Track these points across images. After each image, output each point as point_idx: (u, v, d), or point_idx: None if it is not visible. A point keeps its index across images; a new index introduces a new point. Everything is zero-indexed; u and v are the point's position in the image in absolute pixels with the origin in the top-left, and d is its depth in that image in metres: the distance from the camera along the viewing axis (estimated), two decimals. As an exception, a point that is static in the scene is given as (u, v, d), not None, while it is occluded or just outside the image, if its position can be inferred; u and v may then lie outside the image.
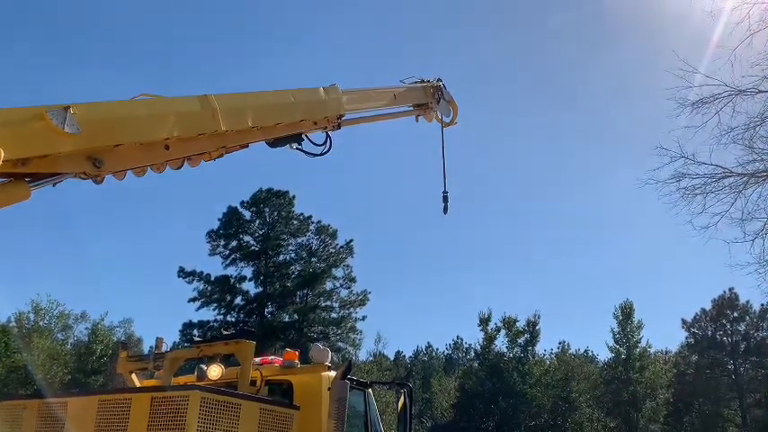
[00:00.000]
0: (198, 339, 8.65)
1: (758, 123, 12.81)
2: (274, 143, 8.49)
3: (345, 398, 6.96)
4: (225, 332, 8.48)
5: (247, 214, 44.29)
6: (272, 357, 8.27)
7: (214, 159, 7.58)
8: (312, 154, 9.16)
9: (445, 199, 12.00)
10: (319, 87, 8.96)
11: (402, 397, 8.17)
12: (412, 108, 12.06)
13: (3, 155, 4.86)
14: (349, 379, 7.28)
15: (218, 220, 43.84)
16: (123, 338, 46.70)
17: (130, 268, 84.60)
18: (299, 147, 8.92)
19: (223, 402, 6.13)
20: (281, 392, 7.47)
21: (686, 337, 53.91)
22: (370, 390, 8.01)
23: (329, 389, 7.17)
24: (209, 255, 42.99)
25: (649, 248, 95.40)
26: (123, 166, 6.45)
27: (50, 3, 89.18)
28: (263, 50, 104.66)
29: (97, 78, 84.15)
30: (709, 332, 51.99)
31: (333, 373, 7.41)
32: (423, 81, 12.31)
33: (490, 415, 49.58)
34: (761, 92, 12.62)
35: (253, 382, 7.37)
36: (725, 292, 51.09)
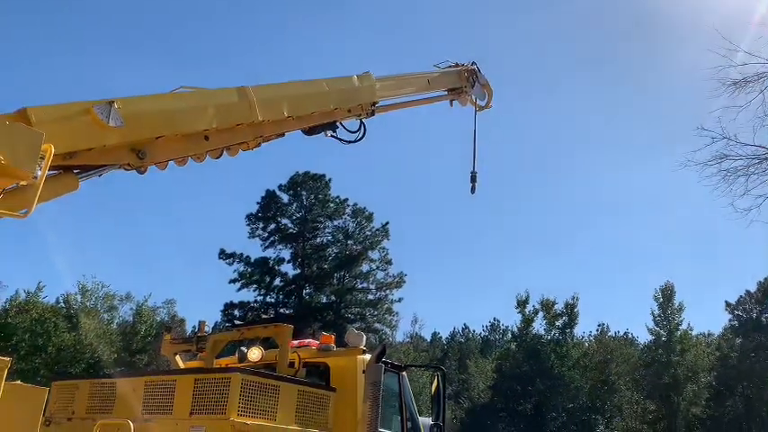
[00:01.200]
0: (238, 322, 8.95)
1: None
2: (310, 131, 8.67)
3: (380, 380, 7.15)
4: (264, 316, 8.75)
5: (285, 197, 44.89)
6: (309, 341, 8.50)
7: (252, 149, 7.80)
8: (347, 141, 9.33)
9: (473, 179, 12.08)
10: (353, 75, 9.07)
11: (436, 380, 8.31)
12: (446, 93, 12.06)
13: (53, 149, 5.12)
14: (384, 362, 7.46)
15: (257, 203, 44.58)
16: (167, 319, 47.90)
17: (173, 250, 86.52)
18: (334, 134, 9.10)
19: (263, 384, 6.37)
20: (318, 374, 7.69)
21: (730, 320, 52.78)
22: (404, 372, 8.17)
23: (364, 372, 7.36)
24: (249, 237, 43.82)
25: (691, 229, 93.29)
26: (165, 157, 6.70)
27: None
28: (293, 39, 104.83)
29: (131, 66, 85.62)
30: (755, 314, 50.79)
31: (368, 356, 7.59)
32: (457, 65, 12.28)
33: (528, 397, 49.55)
34: (807, 70, 12.24)
35: (291, 365, 7.59)
36: (771, 273, 49.78)
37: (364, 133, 9.47)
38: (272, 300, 42.54)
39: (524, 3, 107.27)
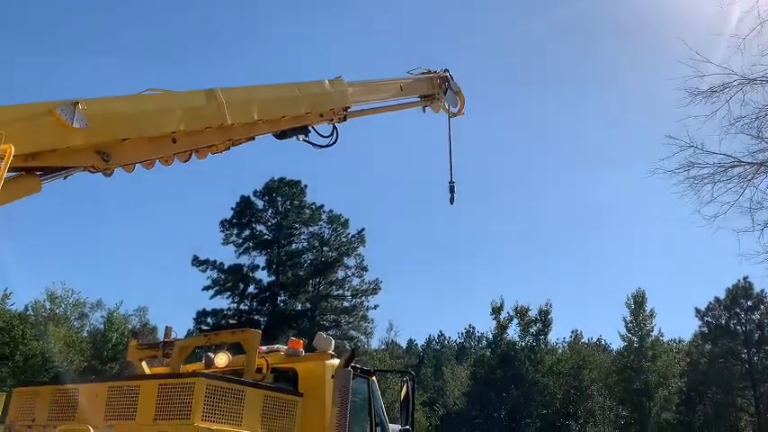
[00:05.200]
0: (206, 328, 8.85)
1: (767, 113, 12.70)
2: (281, 135, 8.62)
3: (348, 385, 7.11)
4: (231, 321, 8.68)
5: (260, 203, 44.57)
6: (278, 346, 8.43)
7: (221, 152, 7.73)
8: (319, 146, 9.30)
9: (452, 189, 12.10)
10: (324, 80, 9.05)
11: (405, 385, 8.30)
12: (419, 99, 12.09)
13: (13, 150, 5.03)
14: (353, 367, 7.42)
15: (232, 209, 44.17)
16: (138, 326, 47.24)
17: (146, 257, 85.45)
18: (306, 138, 9.06)
19: (228, 389, 6.29)
20: (286, 380, 7.62)
21: (699, 326, 53.71)
22: (374, 377, 8.14)
23: (333, 376, 7.31)
24: (223, 244, 43.36)
25: (663, 237, 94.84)
26: (131, 160, 6.61)
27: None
28: (267, 41, 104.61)
29: (101, 67, 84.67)
30: (723, 321, 51.74)
31: (336, 361, 7.55)
32: (430, 72, 12.33)
33: (502, 403, 49.79)
34: (771, 81, 12.51)
35: (259, 370, 7.52)
36: (739, 280, 50.76)
37: (337, 138, 9.44)
38: (246, 307, 42.09)
39: (499, 12, 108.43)
